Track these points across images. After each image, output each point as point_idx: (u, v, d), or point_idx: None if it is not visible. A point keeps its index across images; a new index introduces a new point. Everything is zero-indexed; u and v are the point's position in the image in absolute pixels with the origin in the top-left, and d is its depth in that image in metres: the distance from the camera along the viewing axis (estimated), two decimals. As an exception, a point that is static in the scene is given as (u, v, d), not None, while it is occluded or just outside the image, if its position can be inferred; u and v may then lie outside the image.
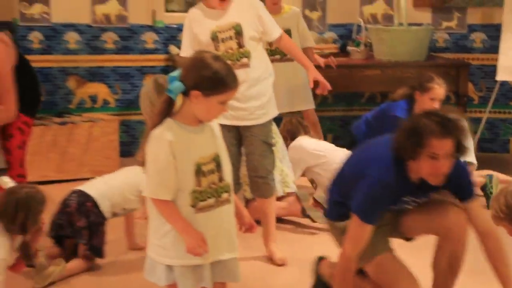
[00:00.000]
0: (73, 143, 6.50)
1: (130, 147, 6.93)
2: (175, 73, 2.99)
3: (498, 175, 5.74)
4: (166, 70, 7.10)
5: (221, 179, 3.06)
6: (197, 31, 4.48)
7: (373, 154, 3.47)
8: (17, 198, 3.87)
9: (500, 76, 6.47)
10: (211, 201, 3.03)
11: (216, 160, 3.06)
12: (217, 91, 2.96)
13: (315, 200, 5.29)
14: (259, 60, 4.44)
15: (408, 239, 3.69)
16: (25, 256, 3.97)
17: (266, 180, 4.62)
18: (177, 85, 2.95)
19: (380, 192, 3.36)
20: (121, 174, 4.66)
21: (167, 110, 3.00)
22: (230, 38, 4.40)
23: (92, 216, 4.52)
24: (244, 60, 4.39)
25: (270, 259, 4.60)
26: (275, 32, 4.53)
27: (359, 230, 3.38)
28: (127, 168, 4.63)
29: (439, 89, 5.43)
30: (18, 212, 3.83)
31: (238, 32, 4.40)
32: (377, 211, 3.42)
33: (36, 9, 6.83)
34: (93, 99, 7.05)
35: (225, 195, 3.07)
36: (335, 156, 5.48)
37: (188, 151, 2.99)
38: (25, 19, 6.82)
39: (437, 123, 3.26)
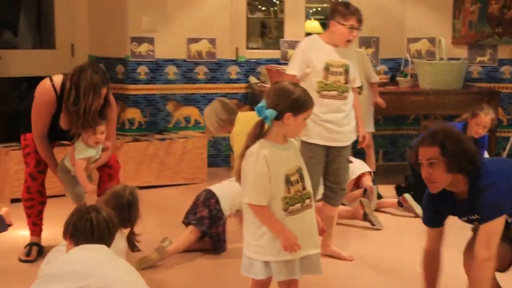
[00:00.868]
0: (170, 155, 6.80)
1: (215, 159, 7.31)
2: (262, 104, 3.14)
3: None
4: (245, 96, 7.49)
5: (304, 187, 3.20)
6: (313, 57, 4.51)
7: None
8: (127, 199, 3.98)
9: (526, 102, 6.62)
10: (297, 205, 3.16)
11: (299, 172, 3.20)
12: (303, 110, 3.15)
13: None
14: (351, 95, 4.60)
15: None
16: (131, 244, 4.07)
17: (344, 191, 4.81)
18: (271, 112, 3.11)
19: (425, 201, 3.51)
20: None
21: (260, 133, 3.17)
22: (340, 73, 4.50)
23: (214, 211, 4.81)
24: (345, 94, 4.53)
25: (337, 258, 4.72)
26: (358, 83, 4.72)
27: (427, 229, 3.53)
28: None
29: (484, 117, 5.60)
30: (131, 212, 3.97)
31: (347, 71, 4.53)
32: (428, 217, 3.50)
33: (143, 48, 7.21)
34: (187, 120, 7.38)
35: (307, 201, 3.20)
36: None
37: (278, 164, 3.13)
38: (135, 55, 7.20)
39: (425, 136, 3.35)
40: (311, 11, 8.20)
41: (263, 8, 8.38)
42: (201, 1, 7.35)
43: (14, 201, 5.59)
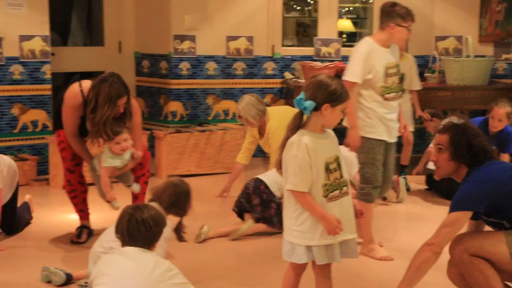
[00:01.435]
0: (210, 146, 6.90)
1: (252, 149, 7.39)
2: (300, 96, 3.17)
3: None
4: (281, 90, 7.58)
5: (341, 175, 3.20)
6: (375, 62, 4.39)
7: None
8: (184, 190, 4.01)
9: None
10: (336, 192, 3.17)
11: (337, 161, 3.20)
12: (340, 101, 3.15)
13: None
14: None
15: None
16: (179, 235, 4.05)
17: (391, 181, 4.88)
18: (310, 103, 3.13)
19: None
20: None
21: (299, 123, 3.19)
22: (395, 74, 4.45)
23: (264, 195, 4.97)
24: (401, 92, 4.53)
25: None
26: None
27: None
28: None
29: (498, 110, 5.62)
30: (186, 201, 4.01)
31: (399, 70, 4.50)
32: None
33: (185, 45, 7.31)
34: (226, 112, 7.49)
35: (345, 188, 3.22)
36: None
37: (318, 153, 3.13)
38: (177, 52, 7.29)
39: (445, 124, 3.41)
40: (343, 10, 8.04)
41: (298, 8, 8.14)
42: (240, 1, 7.45)
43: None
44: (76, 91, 4.60)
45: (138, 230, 3.12)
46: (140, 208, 3.21)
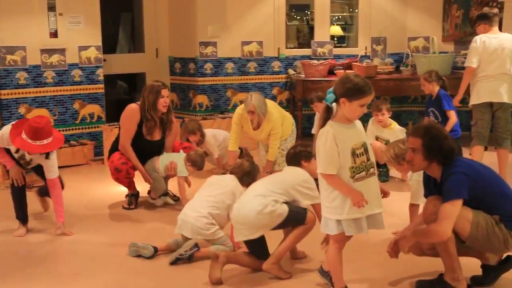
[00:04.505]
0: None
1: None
2: (330, 89, 2.96)
3: None
4: (285, 84, 7.55)
5: (368, 159, 2.98)
6: (485, 46, 5.10)
7: None
8: (257, 168, 3.90)
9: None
10: (363, 173, 2.96)
11: (364, 146, 2.98)
12: (356, 97, 2.89)
13: None
14: None
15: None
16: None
17: None
18: (330, 96, 2.93)
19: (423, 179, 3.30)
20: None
21: (327, 115, 2.97)
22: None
23: None
24: None
25: None
26: None
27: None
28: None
29: (421, 79, 5.42)
30: (257, 175, 3.84)
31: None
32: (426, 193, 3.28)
33: (208, 49, 7.32)
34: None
35: (371, 170, 3.00)
36: None
37: (345, 140, 2.93)
38: (203, 55, 7.30)
39: (416, 126, 3.20)
40: (334, 18, 7.94)
41: (298, 17, 8.15)
42: (252, 13, 7.42)
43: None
44: (135, 105, 4.79)
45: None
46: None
